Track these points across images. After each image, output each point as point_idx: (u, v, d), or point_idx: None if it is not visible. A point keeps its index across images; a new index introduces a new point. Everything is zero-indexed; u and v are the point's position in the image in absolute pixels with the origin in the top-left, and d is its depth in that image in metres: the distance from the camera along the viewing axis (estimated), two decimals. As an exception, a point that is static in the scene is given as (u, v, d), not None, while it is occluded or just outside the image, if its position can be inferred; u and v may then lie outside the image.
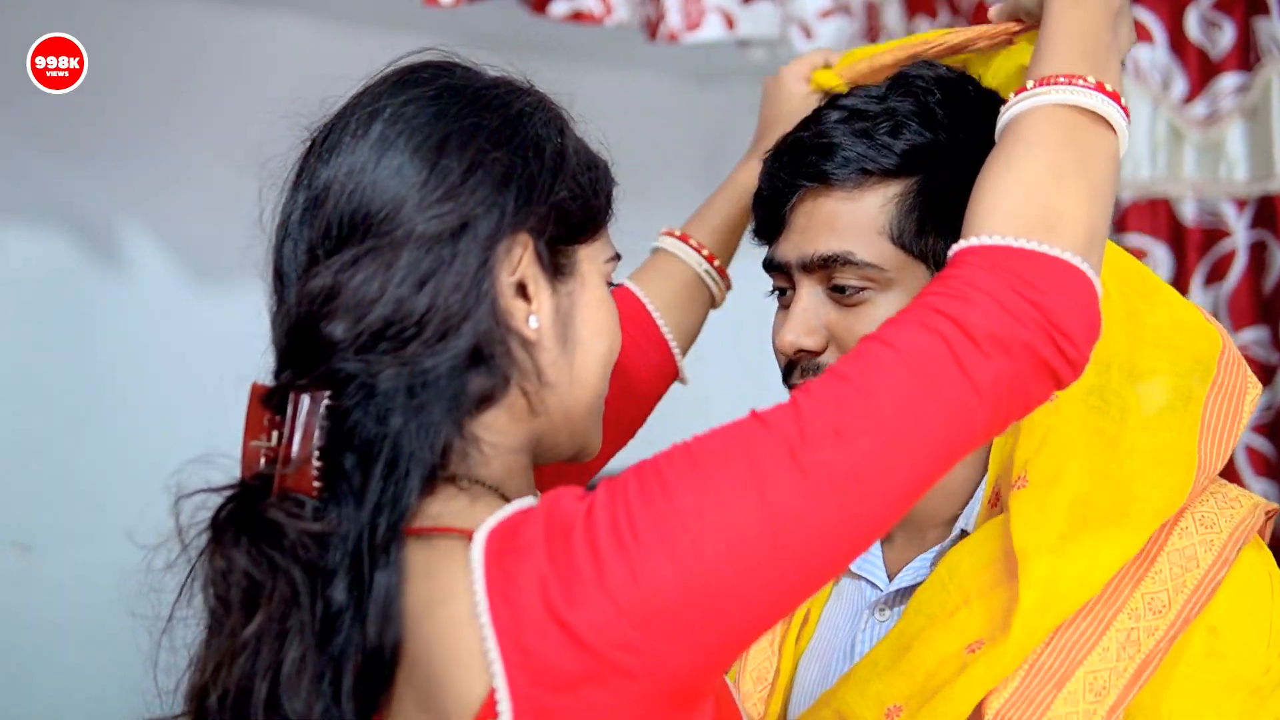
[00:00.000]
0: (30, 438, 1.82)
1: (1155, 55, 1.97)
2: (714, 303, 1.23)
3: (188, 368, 0.85)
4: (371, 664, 0.72)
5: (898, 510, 0.73)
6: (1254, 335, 1.92)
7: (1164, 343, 0.95)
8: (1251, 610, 0.89)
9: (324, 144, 0.81)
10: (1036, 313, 0.74)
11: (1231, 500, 0.93)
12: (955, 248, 0.79)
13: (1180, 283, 1.97)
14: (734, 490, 0.69)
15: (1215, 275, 1.95)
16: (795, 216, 0.98)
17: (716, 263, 1.20)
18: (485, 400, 0.78)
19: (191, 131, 1.85)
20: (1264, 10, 1.87)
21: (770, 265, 1.01)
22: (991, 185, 0.80)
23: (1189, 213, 1.96)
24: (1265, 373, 1.91)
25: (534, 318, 0.80)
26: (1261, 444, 1.91)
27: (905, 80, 0.99)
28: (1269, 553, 0.94)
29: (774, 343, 1.00)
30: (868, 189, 0.95)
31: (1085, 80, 0.82)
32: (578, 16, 1.74)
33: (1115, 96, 0.83)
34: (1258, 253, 1.92)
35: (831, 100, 1.01)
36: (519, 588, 0.69)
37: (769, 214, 1.01)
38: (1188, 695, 0.86)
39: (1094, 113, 0.82)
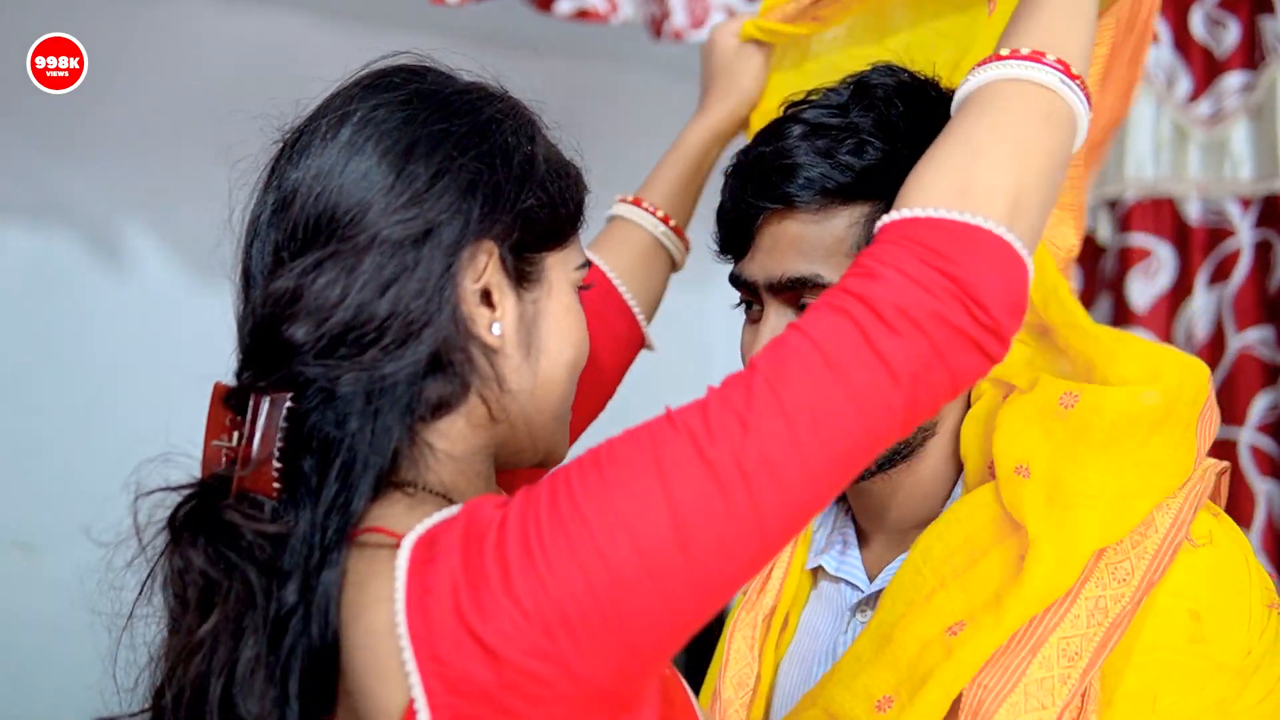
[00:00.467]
0: (31, 437, 1.81)
1: (1160, 54, 1.97)
2: (674, 265, 1.22)
3: (188, 367, 0.84)
4: (318, 665, 0.73)
5: (817, 500, 0.71)
6: (1259, 335, 1.92)
7: (1152, 356, 0.96)
8: (1230, 595, 0.90)
9: (294, 146, 0.81)
10: (946, 281, 0.71)
11: None
12: (876, 226, 0.77)
13: (1184, 282, 1.97)
14: (639, 492, 0.68)
15: (1220, 275, 1.94)
16: (761, 237, 0.97)
17: (673, 224, 1.20)
18: (443, 406, 0.78)
19: (191, 131, 1.84)
20: (1269, 9, 1.87)
21: (737, 282, 1.00)
22: (915, 169, 0.79)
23: (1193, 212, 1.96)
24: (1270, 372, 1.91)
25: (497, 325, 0.80)
26: (1267, 444, 1.91)
27: (866, 90, 0.97)
28: (1243, 537, 0.96)
29: (744, 363, 1.00)
30: (833, 211, 0.94)
31: (1015, 52, 0.80)
32: (583, 14, 1.73)
33: (1038, 57, 0.80)
34: (1262, 252, 1.91)
35: (792, 110, 0.99)
36: (434, 597, 0.69)
37: (734, 232, 1.00)
38: (1172, 680, 0.88)
39: (1019, 79, 0.80)
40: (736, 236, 0.99)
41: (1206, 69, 1.94)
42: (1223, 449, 1.90)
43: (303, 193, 0.78)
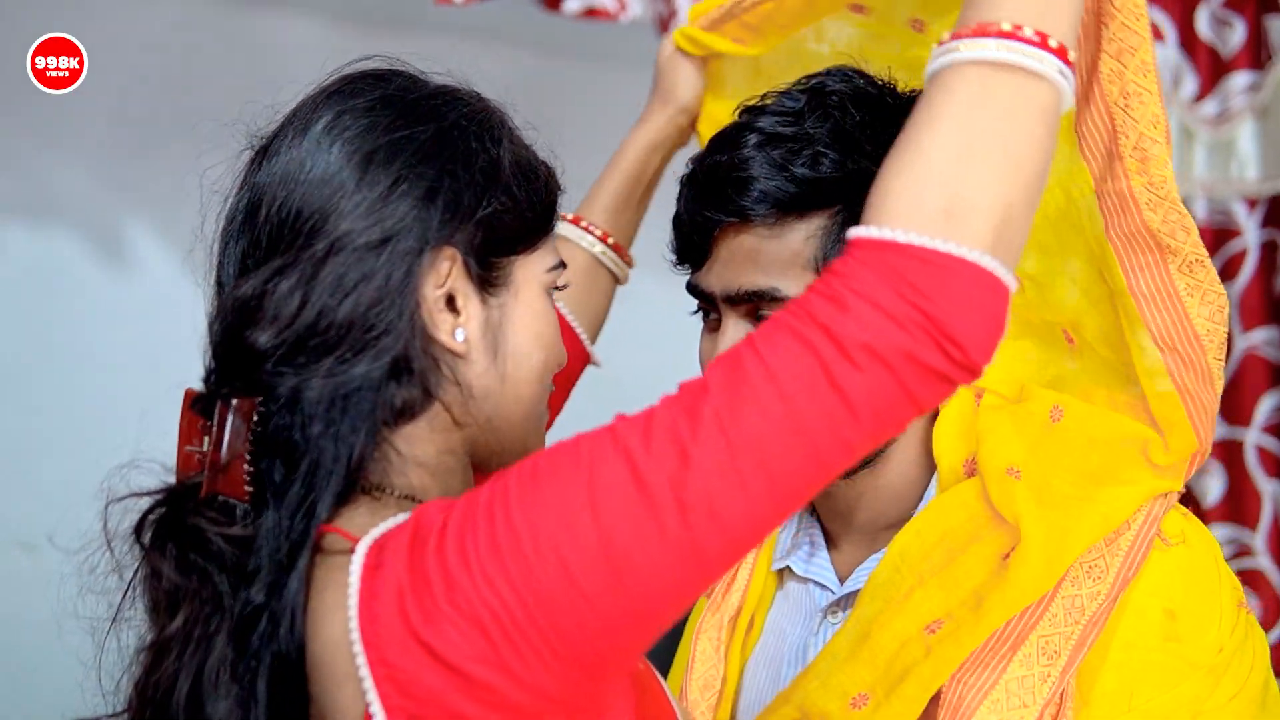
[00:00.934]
0: (31, 437, 1.81)
1: (1166, 54, 1.96)
2: (617, 281, 1.22)
3: (188, 367, 0.85)
4: (285, 668, 0.73)
5: (761, 529, 0.69)
6: (1264, 335, 1.91)
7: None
8: (1204, 593, 0.91)
9: (265, 152, 0.82)
10: (921, 317, 0.67)
11: None
12: (849, 234, 0.71)
13: (1190, 283, 1.97)
14: (569, 510, 0.67)
15: (1226, 275, 1.94)
16: (717, 249, 0.97)
17: (611, 240, 1.20)
18: (406, 412, 0.78)
19: (192, 132, 1.84)
20: (1276, 9, 1.86)
21: (694, 291, 1.00)
22: (893, 164, 0.71)
23: (1199, 212, 1.95)
24: (1276, 373, 1.91)
25: (460, 330, 0.80)
26: (1273, 444, 1.90)
27: (821, 96, 0.96)
28: (1212, 536, 0.97)
29: (703, 371, 1.00)
30: (789, 224, 0.93)
31: (1017, 30, 0.71)
32: (591, 13, 1.72)
33: (1042, 41, 0.71)
34: (1268, 252, 1.91)
35: (747, 117, 0.97)
36: (381, 603, 0.69)
37: (690, 244, 0.99)
38: (1148, 678, 0.89)
39: (1023, 68, 0.70)
40: (693, 247, 0.99)
41: (1212, 69, 1.94)
42: (1228, 450, 1.90)
43: (267, 199, 0.79)
